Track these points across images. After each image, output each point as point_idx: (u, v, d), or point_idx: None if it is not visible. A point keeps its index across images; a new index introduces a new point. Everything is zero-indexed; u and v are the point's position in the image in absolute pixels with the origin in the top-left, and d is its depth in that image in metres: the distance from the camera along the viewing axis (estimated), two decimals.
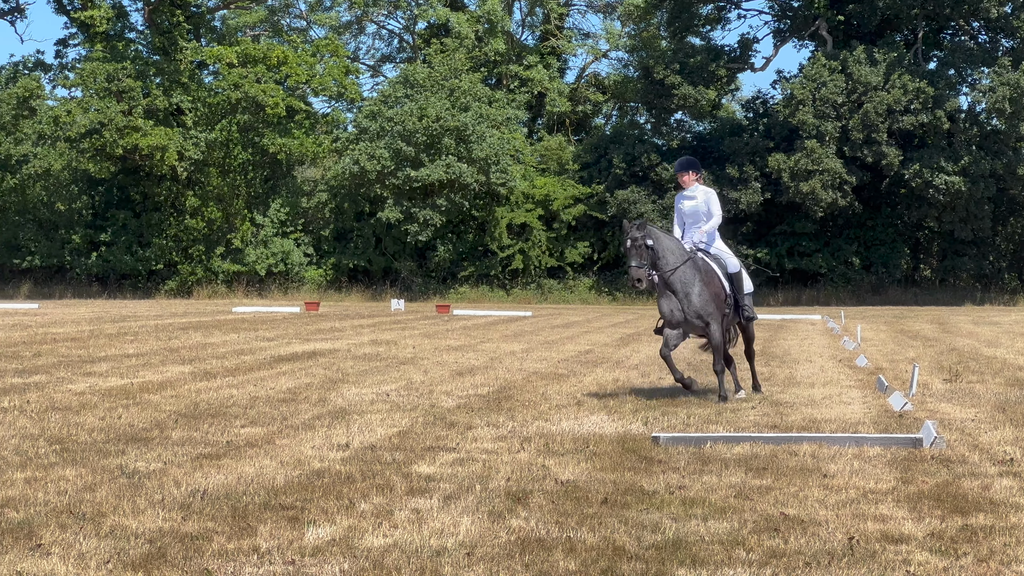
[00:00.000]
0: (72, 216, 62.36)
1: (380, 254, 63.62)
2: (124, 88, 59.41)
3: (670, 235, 18.22)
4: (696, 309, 17.88)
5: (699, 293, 17.83)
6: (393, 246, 63.38)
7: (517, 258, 63.28)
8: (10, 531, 9.07)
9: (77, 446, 12.90)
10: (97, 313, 42.11)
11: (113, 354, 24.27)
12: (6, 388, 18.06)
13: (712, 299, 17.96)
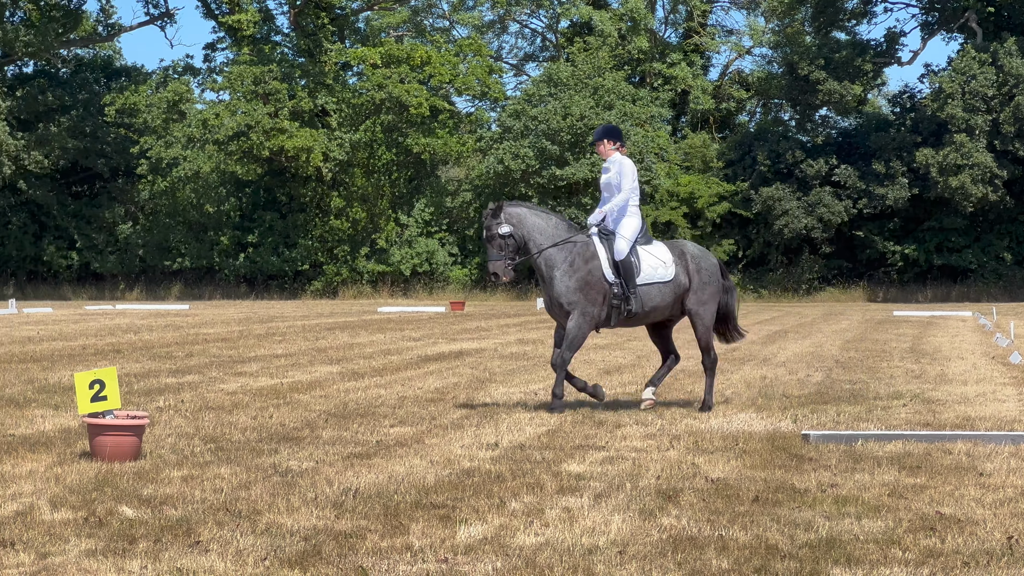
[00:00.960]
0: (220, 218, 63.21)
1: None
2: (270, 90, 60.11)
3: (546, 213, 16.63)
4: (556, 294, 16.23)
5: (561, 277, 16.18)
6: None
7: None
8: (169, 528, 9.22)
9: (231, 445, 13.07)
10: (245, 314, 42.68)
11: (262, 354, 24.57)
12: (161, 388, 18.35)
13: (579, 286, 16.16)
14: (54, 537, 8.93)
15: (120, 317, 40.36)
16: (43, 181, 65.68)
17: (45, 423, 14.53)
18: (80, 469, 11.51)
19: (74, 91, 67.60)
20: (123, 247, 64.94)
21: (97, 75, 70.73)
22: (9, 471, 11.39)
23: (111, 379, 12.36)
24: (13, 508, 9.82)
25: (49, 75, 69.38)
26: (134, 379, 19.35)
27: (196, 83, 67.13)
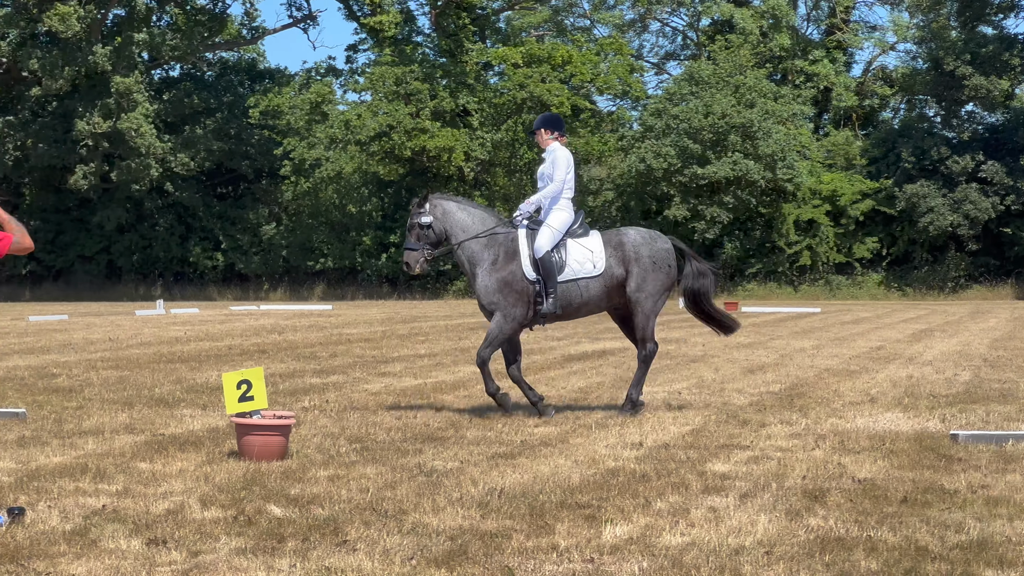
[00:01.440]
0: (363, 218, 63.68)
1: None
2: (412, 91, 60.47)
3: (475, 208, 16.22)
4: (477, 294, 15.97)
5: (482, 276, 15.81)
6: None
7: (804, 254, 62.59)
8: (317, 527, 9.29)
9: (376, 445, 13.15)
10: (388, 314, 42.96)
11: (406, 354, 24.71)
12: (306, 388, 18.52)
13: (500, 286, 15.74)
14: (204, 535, 9.04)
15: (264, 317, 40.83)
16: (189, 183, 66.66)
17: (194, 423, 14.73)
18: (229, 468, 11.65)
19: (219, 94, 68.56)
20: (267, 248, 65.67)
21: (241, 78, 71.67)
22: (160, 470, 11.56)
23: (258, 379, 12.50)
24: (164, 506, 9.96)
25: (195, 78, 70.40)
26: (279, 379, 19.55)
27: (338, 84, 67.83)
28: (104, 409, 15.86)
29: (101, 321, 38.40)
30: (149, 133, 61.06)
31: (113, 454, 12.43)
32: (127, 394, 17.57)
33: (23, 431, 13.90)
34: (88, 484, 10.85)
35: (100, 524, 9.33)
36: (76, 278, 67.68)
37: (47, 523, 9.40)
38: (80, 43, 60.73)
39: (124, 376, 20.21)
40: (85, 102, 61.94)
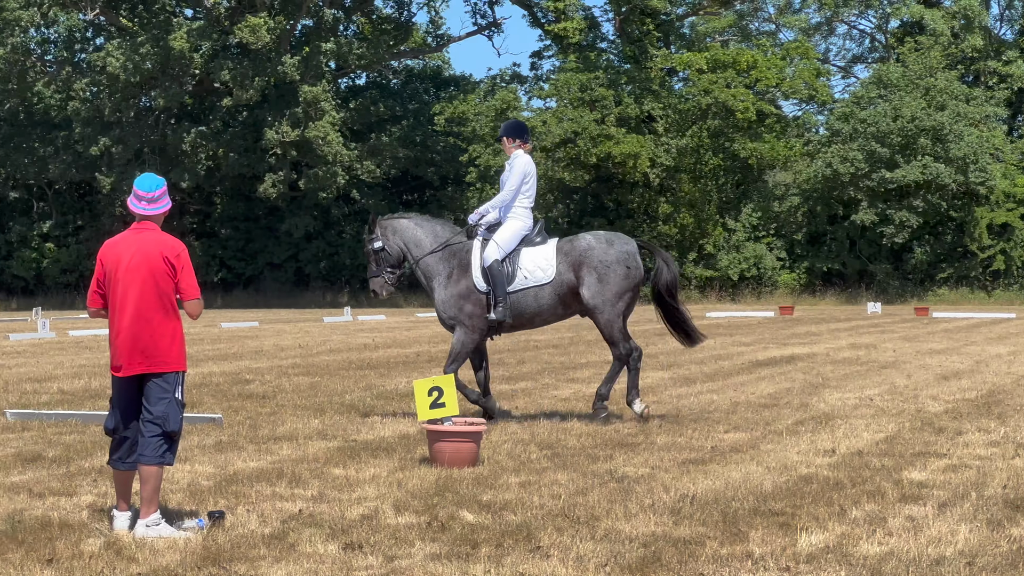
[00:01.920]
0: (548, 225, 63.75)
1: (855, 257, 62.73)
2: (597, 97, 60.45)
3: (429, 222, 16.34)
4: (437, 307, 16.05)
5: (439, 290, 15.94)
6: (868, 249, 62.42)
7: (998, 259, 61.34)
8: (510, 533, 9.31)
9: (567, 451, 13.15)
10: (574, 320, 42.80)
11: (594, 360, 24.68)
12: (495, 394, 18.51)
13: (456, 300, 15.84)
14: (399, 540, 9.11)
15: None
16: (375, 190, 67.34)
17: (385, 429, 14.86)
18: (421, 474, 11.73)
19: (405, 101, 69.19)
20: None
21: (427, 85, 72.26)
22: (354, 475, 11.68)
23: (449, 386, 12.57)
24: (359, 511, 10.05)
25: (381, 86, 71.15)
26: (469, 385, 19.63)
27: (523, 91, 68.01)
28: (297, 415, 16.08)
29: (291, 328, 38.97)
30: (336, 141, 61.77)
31: (307, 459, 12.58)
32: (319, 400, 17.79)
33: (220, 436, 14.14)
34: (284, 489, 11.00)
35: (297, 528, 9.45)
36: (265, 285, 68.72)
37: (246, 527, 9.54)
38: (270, 54, 61.70)
39: (315, 382, 20.48)
40: (274, 111, 62.88)
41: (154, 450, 9.44)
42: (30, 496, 10.75)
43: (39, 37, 67.58)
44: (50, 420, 15.57)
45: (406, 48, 69.11)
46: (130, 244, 9.65)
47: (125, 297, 9.53)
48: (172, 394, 9.58)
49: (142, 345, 9.51)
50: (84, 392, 19.06)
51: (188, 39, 61.05)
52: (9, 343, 32.04)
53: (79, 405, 17.27)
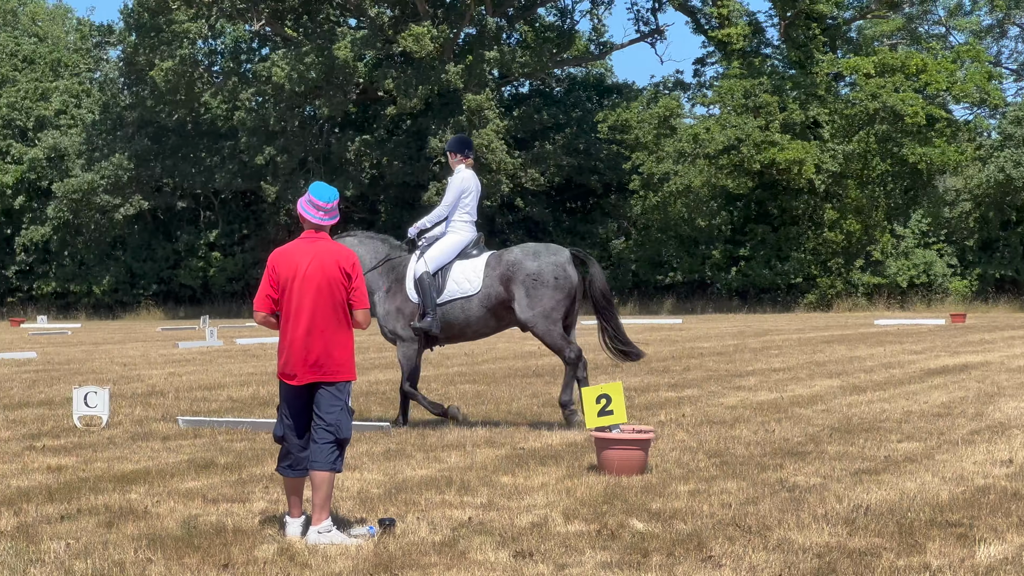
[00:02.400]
0: (712, 232, 63.42)
1: None
2: (761, 103, 59.95)
3: (372, 240, 16.67)
4: (379, 321, 16.30)
5: (379, 304, 16.24)
6: None
7: None
8: (681, 542, 9.22)
9: (735, 459, 13.02)
10: (739, 327, 42.67)
11: (760, 368, 24.46)
12: (661, 402, 18.49)
13: (395, 314, 16.23)
14: (570, 548, 9.07)
15: None
16: (539, 198, 67.43)
17: (552, 436, 14.83)
18: (589, 482, 11.68)
19: (568, 109, 69.22)
20: (616, 262, 65.95)
21: (589, 93, 72.22)
22: (522, 483, 11.66)
23: (617, 394, 12.51)
24: (528, 519, 10.03)
25: (544, 94, 71.25)
26: (634, 393, 19.56)
27: (686, 98, 67.64)
28: (464, 423, 16.10)
29: None
30: (500, 149, 61.96)
31: (476, 467, 12.60)
32: (486, 408, 17.82)
33: (388, 444, 14.22)
34: (453, 496, 11.02)
35: (467, 536, 9.46)
36: None
37: (416, 534, 9.57)
38: (433, 62, 62.08)
39: (481, 390, 20.53)
40: (438, 120, 63.24)
41: (326, 457, 9.52)
42: (204, 502, 10.88)
43: (206, 48, 68.74)
44: (221, 427, 15.78)
45: (569, 56, 69.12)
46: (305, 253, 9.74)
47: (300, 306, 9.63)
48: (343, 402, 9.67)
49: (317, 354, 9.61)
50: (253, 400, 19.30)
51: (352, 48, 61.68)
52: (178, 351, 32.59)
53: (249, 412, 17.49)
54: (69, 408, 17.45)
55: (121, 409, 17.86)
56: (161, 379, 23.26)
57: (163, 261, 71.10)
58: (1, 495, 11.28)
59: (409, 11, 64.19)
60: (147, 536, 9.57)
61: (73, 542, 9.41)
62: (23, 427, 16.11)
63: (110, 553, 9.06)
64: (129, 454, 13.75)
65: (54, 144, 70.23)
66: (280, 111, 63.93)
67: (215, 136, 69.21)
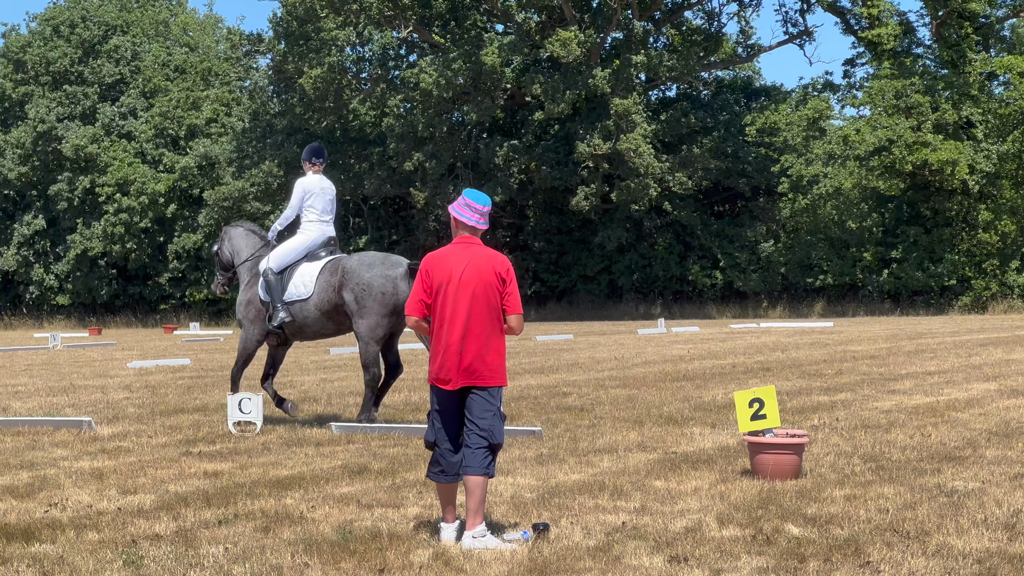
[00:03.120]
0: (863, 234, 62.69)
1: None
2: (912, 104, 59.19)
3: (254, 232, 17.87)
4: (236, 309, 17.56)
5: (239, 294, 17.48)
6: None
7: None
8: (837, 547, 9.14)
9: (891, 464, 12.87)
10: (891, 330, 42.15)
11: (914, 371, 24.14)
12: (814, 406, 18.32)
13: (245, 304, 17.38)
14: (725, 553, 9.02)
15: (765, 335, 40.70)
16: (687, 202, 67.15)
17: (704, 441, 14.76)
18: (743, 487, 11.61)
19: (715, 112, 68.88)
20: (765, 265, 65.45)
21: (737, 96, 71.83)
22: (675, 488, 11.62)
23: (770, 398, 12.42)
24: (682, 524, 9.99)
25: (691, 98, 70.97)
26: (786, 397, 19.39)
27: (836, 99, 66.99)
28: (616, 427, 16.09)
29: (605, 340, 39.11)
30: (648, 153, 61.77)
31: (628, 472, 12.58)
32: (637, 412, 17.78)
33: (541, 449, 14.24)
34: (606, 501, 11.01)
35: (622, 540, 9.44)
36: (578, 298, 69.14)
37: (570, 539, 9.57)
38: (580, 67, 62.09)
39: (632, 395, 20.48)
40: (585, 124, 63.21)
41: (480, 462, 9.55)
42: (359, 507, 10.98)
43: (354, 56, 69.29)
44: (374, 432, 15.90)
45: (716, 59, 68.80)
46: (460, 258, 9.76)
47: (456, 311, 9.65)
48: (496, 408, 9.68)
49: (470, 359, 9.63)
50: (405, 405, 19.43)
51: (500, 54, 61.88)
52: (330, 357, 32.90)
53: (401, 418, 17.61)
54: (224, 414, 17.72)
55: (275, 415, 18.07)
56: (313, 385, 23.50)
57: None
58: (160, 500, 11.47)
59: (556, 16, 64.27)
60: (303, 541, 9.68)
61: (231, 546, 9.54)
62: (179, 433, 16.36)
63: (267, 557, 9.17)
64: (284, 459, 13.91)
65: (205, 152, 71.30)
66: (428, 117, 64.29)
67: (364, 143, 69.83)
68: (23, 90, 77.26)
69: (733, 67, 72.39)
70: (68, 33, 77.53)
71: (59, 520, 10.60)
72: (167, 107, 74.45)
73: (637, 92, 63.40)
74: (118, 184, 71.95)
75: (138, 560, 9.14)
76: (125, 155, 73.33)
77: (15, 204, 78.41)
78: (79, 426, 16.84)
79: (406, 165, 64.96)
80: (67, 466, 13.61)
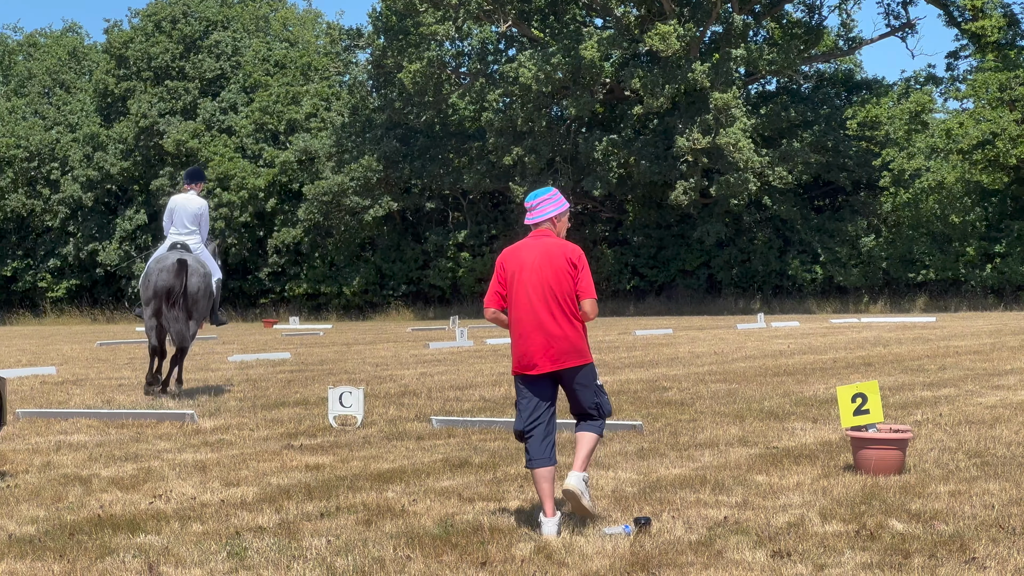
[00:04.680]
0: (966, 228, 62.04)
1: None
2: (1017, 96, 58.51)
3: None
4: None
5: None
6: None
7: None
8: (942, 543, 9.05)
9: (996, 460, 12.74)
10: (995, 325, 41.69)
11: (1018, 367, 23.87)
12: (917, 401, 18.16)
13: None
14: (828, 549, 8.96)
15: (866, 330, 40.38)
16: (786, 196, 66.76)
17: (806, 435, 14.68)
18: (845, 482, 11.53)
19: (816, 106, 68.37)
20: (866, 260, 64.94)
21: (838, 89, 71.27)
22: (776, 482, 11.57)
23: (873, 393, 12.32)
24: (784, 519, 9.94)
25: (791, 91, 70.52)
26: (888, 392, 19.24)
27: (938, 92, 66.34)
28: (716, 422, 16.04)
29: (704, 335, 38.97)
30: (747, 148, 61.45)
31: (729, 466, 12.53)
32: (737, 407, 17.71)
33: (641, 443, 14.22)
34: (708, 495, 10.97)
35: (724, 535, 9.41)
36: (677, 292, 68.96)
37: (672, 533, 9.55)
38: (679, 61, 61.88)
39: (732, 389, 20.40)
40: (684, 118, 62.99)
41: (592, 426, 9.97)
42: (460, 500, 11.01)
43: (453, 50, 69.50)
44: (474, 427, 15.94)
45: (817, 52, 68.33)
46: (532, 248, 10.03)
47: (531, 297, 9.86)
48: (594, 383, 9.94)
49: (553, 342, 9.80)
50: (505, 399, 19.46)
51: (598, 48, 61.81)
52: (429, 351, 33.02)
53: (501, 412, 17.64)
54: (324, 408, 17.84)
55: (375, 409, 18.17)
56: (413, 379, 23.60)
57: (412, 262, 72.14)
58: (263, 492, 11.57)
59: (655, 10, 64.10)
60: (405, 534, 9.72)
61: (333, 539, 9.60)
62: (280, 426, 16.48)
63: (370, 550, 9.22)
64: (384, 453, 13.97)
65: (304, 147, 71.78)
66: (527, 111, 64.34)
67: (463, 137, 70.04)
68: (125, 85, 78.18)
69: (834, 60, 71.88)
70: (169, 29, 78.35)
71: (163, 511, 10.72)
72: (267, 102, 75.04)
73: (736, 86, 63.12)
74: (218, 179, 72.58)
75: (242, 552, 9.22)
76: (225, 150, 74.01)
77: (117, 199, 79.40)
78: (182, 419, 17.02)
79: (505, 159, 65.09)
80: (171, 458, 13.75)
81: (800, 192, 68.18)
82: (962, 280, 62.33)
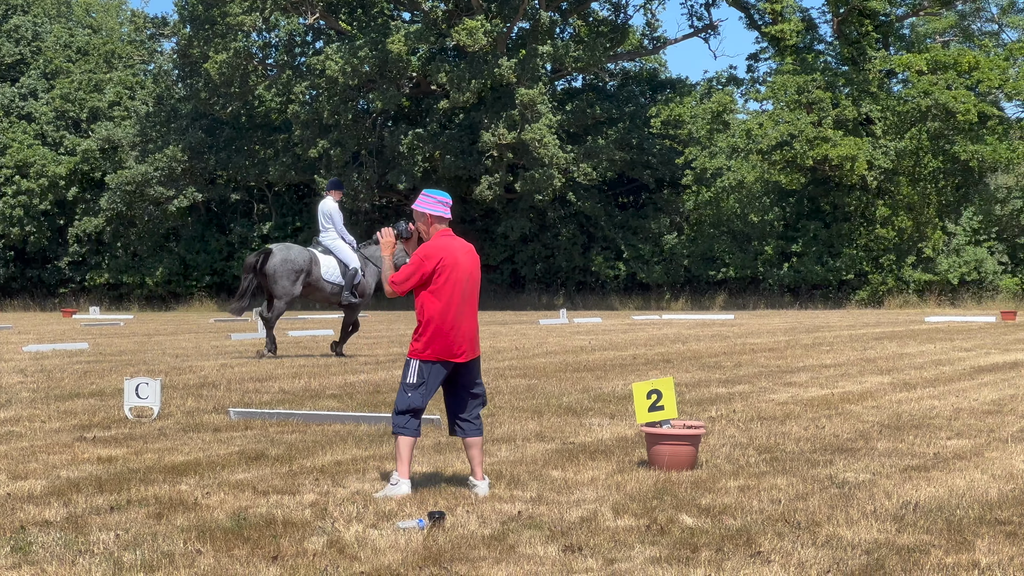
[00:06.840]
0: (764, 228, 63.23)
1: None
2: (813, 100, 59.76)
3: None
4: None
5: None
6: None
7: None
8: (730, 537, 9.26)
9: (785, 455, 13.04)
10: (791, 323, 42.58)
11: (810, 364, 24.43)
12: (712, 398, 18.50)
13: None
14: (619, 543, 9.12)
15: (667, 327, 40.98)
16: (591, 193, 67.36)
17: (603, 431, 14.88)
18: (639, 477, 11.73)
19: (620, 104, 69.06)
20: (668, 257, 65.82)
21: (642, 87, 72.09)
22: (572, 478, 11.72)
23: (668, 389, 12.54)
24: (578, 514, 10.08)
25: (596, 89, 71.18)
26: (685, 388, 19.57)
27: (739, 93, 67.47)
28: (515, 417, 16.18)
29: (507, 330, 39.21)
30: (552, 144, 61.88)
31: (525, 461, 12.66)
32: (536, 402, 17.87)
33: (439, 437, 14.30)
34: (503, 490, 11.08)
35: (517, 530, 9.52)
36: (481, 288, 69.13)
37: (466, 527, 9.63)
38: (486, 56, 62.10)
39: (532, 384, 20.58)
40: (490, 114, 63.23)
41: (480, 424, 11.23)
42: (254, 494, 10.98)
43: (260, 41, 68.95)
44: (272, 419, 15.89)
45: (622, 50, 69.07)
46: (456, 248, 11.20)
47: (467, 293, 11.07)
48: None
49: (474, 333, 11.13)
50: (304, 392, 19.41)
51: (406, 42, 61.77)
52: (231, 343, 32.78)
53: (300, 405, 17.60)
54: (120, 399, 17.62)
55: (173, 400, 18.00)
56: (213, 371, 23.41)
57: (216, 253, 71.42)
58: (51, 485, 11.40)
59: (463, 5, 64.25)
60: (197, 527, 9.67)
61: (122, 533, 9.51)
62: (74, 418, 16.25)
63: (159, 544, 9.15)
64: (180, 445, 13.87)
65: (107, 135, 70.63)
66: (334, 104, 64.08)
67: (269, 129, 69.55)
68: None
69: (639, 59, 72.75)
70: None
71: None
72: (68, 89, 73.66)
73: (543, 82, 63.57)
74: (17, 166, 71.10)
75: (26, 546, 9.08)
76: (25, 136, 72.48)
77: None
78: None
79: (311, 152, 64.78)
80: None
81: (604, 189, 68.84)
82: (760, 278, 63.52)
